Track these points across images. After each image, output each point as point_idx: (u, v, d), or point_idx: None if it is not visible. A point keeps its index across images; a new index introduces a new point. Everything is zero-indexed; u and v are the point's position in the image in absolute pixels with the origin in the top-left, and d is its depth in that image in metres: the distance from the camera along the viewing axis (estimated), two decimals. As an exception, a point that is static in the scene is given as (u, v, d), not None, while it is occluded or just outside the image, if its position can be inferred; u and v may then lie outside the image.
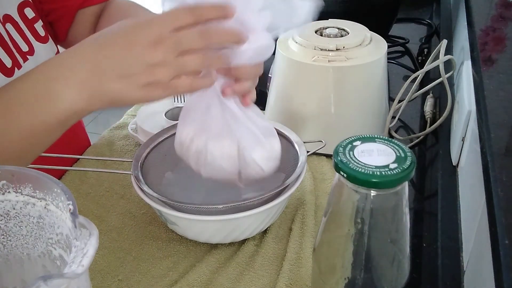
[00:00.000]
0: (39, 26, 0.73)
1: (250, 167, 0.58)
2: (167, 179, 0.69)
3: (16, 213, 0.42)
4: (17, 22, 0.69)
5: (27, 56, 0.69)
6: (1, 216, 0.43)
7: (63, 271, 0.32)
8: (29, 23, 0.71)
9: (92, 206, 0.71)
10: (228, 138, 0.56)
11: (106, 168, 0.78)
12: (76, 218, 0.36)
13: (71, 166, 0.79)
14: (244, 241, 0.64)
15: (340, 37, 0.79)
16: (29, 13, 0.71)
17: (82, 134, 0.88)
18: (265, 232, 0.65)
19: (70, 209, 0.38)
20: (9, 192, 0.42)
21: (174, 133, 0.70)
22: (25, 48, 0.69)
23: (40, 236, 0.43)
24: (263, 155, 0.57)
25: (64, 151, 0.81)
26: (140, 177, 0.62)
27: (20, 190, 0.41)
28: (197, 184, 0.70)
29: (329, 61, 0.74)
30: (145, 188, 0.60)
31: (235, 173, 0.59)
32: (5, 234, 0.43)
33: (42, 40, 0.73)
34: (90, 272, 0.59)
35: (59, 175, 0.77)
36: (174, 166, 0.70)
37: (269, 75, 0.73)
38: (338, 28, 0.80)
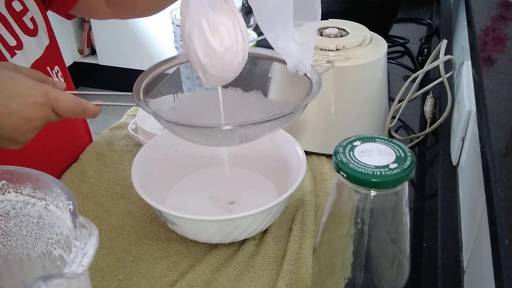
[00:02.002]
0: (27, 19, 0.72)
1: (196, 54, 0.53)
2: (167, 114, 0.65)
3: (16, 213, 0.42)
4: (4, 16, 0.69)
5: (15, 50, 0.69)
6: (1, 216, 0.43)
7: (63, 271, 0.32)
8: (17, 17, 0.70)
9: (92, 206, 0.71)
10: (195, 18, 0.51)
11: (106, 169, 0.78)
12: (76, 218, 0.36)
13: (71, 165, 0.79)
14: (244, 241, 0.64)
15: (340, 37, 0.79)
16: (17, 6, 0.71)
17: (84, 132, 0.88)
18: (265, 232, 0.65)
19: (70, 209, 0.38)
20: (9, 192, 0.42)
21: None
22: (12, 42, 0.69)
23: (40, 236, 0.43)
24: (200, 45, 0.52)
25: (65, 148, 0.81)
26: (141, 95, 0.58)
27: (20, 190, 0.42)
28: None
29: (329, 61, 0.74)
30: (148, 108, 0.55)
31: (198, 61, 0.53)
32: (5, 234, 0.44)
33: (31, 33, 0.72)
34: (90, 272, 0.59)
35: (59, 175, 0.77)
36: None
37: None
38: (338, 28, 0.80)
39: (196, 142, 0.60)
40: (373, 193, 0.39)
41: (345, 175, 0.38)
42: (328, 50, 0.75)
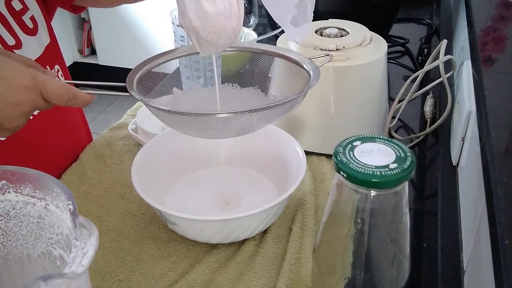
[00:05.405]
0: (27, 18, 0.72)
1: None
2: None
3: (16, 213, 0.42)
4: (4, 15, 0.68)
5: (14, 50, 0.69)
6: (1, 216, 0.43)
7: (63, 271, 0.32)
8: (17, 16, 0.70)
9: (92, 206, 0.71)
10: None
11: (106, 169, 0.78)
12: (76, 218, 0.36)
13: (71, 165, 0.79)
14: (244, 241, 0.64)
15: (340, 37, 0.79)
16: (17, 5, 0.71)
17: (84, 132, 0.88)
18: (265, 232, 0.65)
19: (70, 209, 0.38)
20: (9, 192, 0.42)
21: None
22: (11, 42, 0.69)
23: (40, 236, 0.43)
24: (192, 6, 0.50)
25: (65, 148, 0.81)
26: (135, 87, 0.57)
27: (20, 190, 0.42)
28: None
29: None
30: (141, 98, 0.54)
31: (191, 24, 0.52)
32: (5, 234, 0.44)
33: (31, 32, 0.72)
34: (90, 272, 0.59)
35: (59, 174, 0.77)
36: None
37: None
38: (338, 28, 0.80)
39: (189, 133, 0.58)
40: (373, 193, 0.39)
41: (345, 175, 0.38)
42: (328, 50, 0.75)
